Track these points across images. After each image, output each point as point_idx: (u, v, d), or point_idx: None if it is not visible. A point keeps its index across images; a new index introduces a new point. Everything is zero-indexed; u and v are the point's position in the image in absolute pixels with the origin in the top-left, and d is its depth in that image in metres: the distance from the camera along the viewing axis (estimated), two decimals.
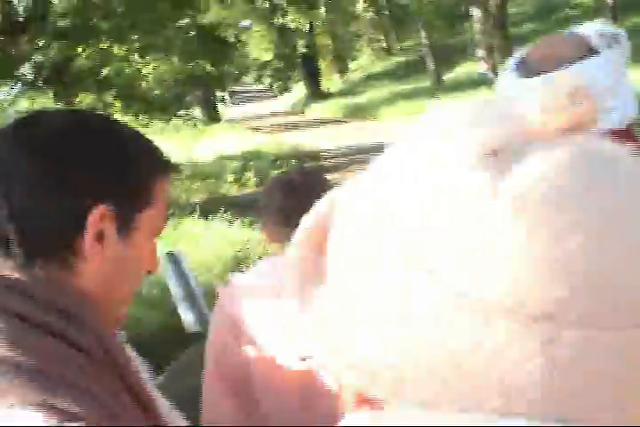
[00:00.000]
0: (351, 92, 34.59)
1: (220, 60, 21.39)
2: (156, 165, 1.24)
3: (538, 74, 1.49)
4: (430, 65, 30.08)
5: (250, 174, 16.11)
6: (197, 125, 25.06)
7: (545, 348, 0.57)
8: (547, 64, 1.49)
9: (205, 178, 16.50)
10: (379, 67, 39.53)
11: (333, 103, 33.12)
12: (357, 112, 28.33)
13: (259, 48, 36.81)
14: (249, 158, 18.47)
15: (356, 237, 0.64)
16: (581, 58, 1.50)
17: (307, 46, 36.52)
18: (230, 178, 16.16)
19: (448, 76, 28.96)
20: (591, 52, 1.51)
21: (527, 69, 1.54)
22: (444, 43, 32.16)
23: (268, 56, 38.45)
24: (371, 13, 38.58)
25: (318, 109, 33.51)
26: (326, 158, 18.51)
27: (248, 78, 49.61)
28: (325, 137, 22.55)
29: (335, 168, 16.28)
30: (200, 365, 2.11)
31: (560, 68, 1.48)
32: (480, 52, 28.86)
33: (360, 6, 37.34)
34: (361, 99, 31.21)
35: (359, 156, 17.41)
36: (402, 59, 37.97)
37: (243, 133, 26.29)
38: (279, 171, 16.47)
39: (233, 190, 15.61)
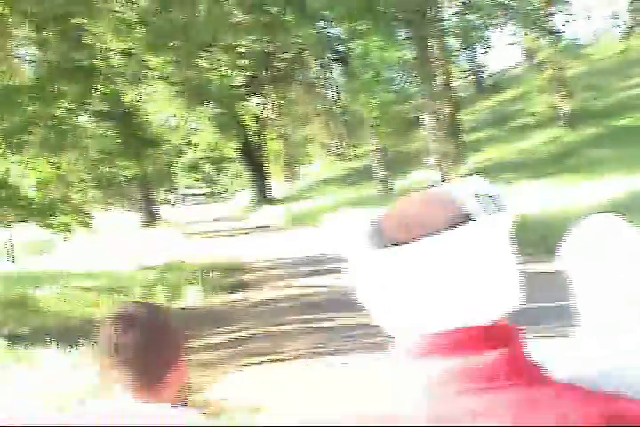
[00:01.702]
0: (298, 199, 33.46)
1: (141, 161, 19.55)
2: None
3: (393, 244, 1.26)
4: (379, 173, 29.03)
5: (160, 289, 14.27)
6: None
7: None
8: (404, 233, 1.26)
9: (113, 291, 14.64)
10: (329, 173, 38.48)
11: (279, 210, 31.92)
12: (302, 219, 27.16)
13: (192, 149, 35.50)
14: (168, 270, 16.75)
15: None
16: (450, 226, 1.25)
17: (250, 150, 35.20)
18: (139, 292, 14.29)
19: (401, 184, 27.76)
20: (462, 218, 1.26)
21: (381, 238, 1.28)
22: (397, 149, 31.19)
23: (196, 157, 37.29)
24: (323, 118, 37.68)
25: (263, 215, 32.26)
26: (249, 271, 16.80)
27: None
28: (261, 246, 21.15)
29: (255, 283, 14.60)
30: None
31: (421, 238, 1.25)
32: (431, 160, 27.80)
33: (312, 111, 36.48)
34: (307, 205, 30.16)
35: (285, 270, 15.94)
36: (354, 165, 36.97)
37: (174, 239, 24.70)
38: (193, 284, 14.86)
39: None
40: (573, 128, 27.53)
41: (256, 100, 33.63)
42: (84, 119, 16.15)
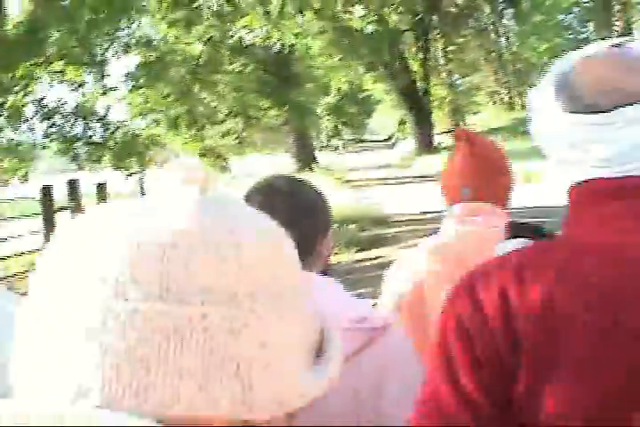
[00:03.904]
0: None
1: (279, 100, 18.65)
2: None
3: (593, 111, 1.20)
4: None
5: None
6: None
7: None
8: (607, 98, 1.20)
9: None
10: (497, 122, 37.16)
11: (442, 158, 31.01)
12: None
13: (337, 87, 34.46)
14: None
15: None
16: None
17: (422, 96, 34.30)
18: None
19: None
20: None
21: (577, 101, 1.23)
22: None
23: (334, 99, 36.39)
24: (492, 65, 36.32)
25: (426, 164, 31.39)
26: (393, 226, 16.11)
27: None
28: (417, 197, 20.17)
29: (393, 239, 13.95)
30: None
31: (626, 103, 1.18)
32: None
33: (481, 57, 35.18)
34: None
35: (433, 225, 15.18)
36: (522, 115, 35.55)
37: (322, 187, 24.33)
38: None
39: None
40: None
41: (422, 43, 32.65)
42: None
